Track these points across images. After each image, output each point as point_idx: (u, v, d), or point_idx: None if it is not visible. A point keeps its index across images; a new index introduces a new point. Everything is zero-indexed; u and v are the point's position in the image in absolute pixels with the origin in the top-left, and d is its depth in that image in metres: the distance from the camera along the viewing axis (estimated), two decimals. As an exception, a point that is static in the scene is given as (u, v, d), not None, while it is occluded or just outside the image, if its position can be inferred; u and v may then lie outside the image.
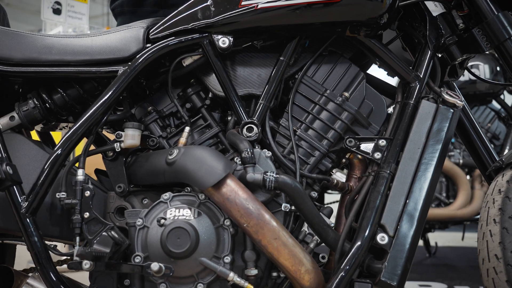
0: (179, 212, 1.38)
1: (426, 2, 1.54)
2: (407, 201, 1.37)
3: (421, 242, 3.91)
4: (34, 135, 1.68)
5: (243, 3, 1.42)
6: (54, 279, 1.36)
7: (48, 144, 1.72)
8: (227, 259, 1.37)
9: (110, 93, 1.43)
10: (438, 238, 4.36)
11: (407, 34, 1.62)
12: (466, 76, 3.75)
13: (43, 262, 1.36)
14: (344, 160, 1.56)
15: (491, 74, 3.80)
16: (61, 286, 1.37)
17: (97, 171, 1.61)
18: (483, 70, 3.80)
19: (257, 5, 1.41)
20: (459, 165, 3.82)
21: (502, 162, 1.52)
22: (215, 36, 1.45)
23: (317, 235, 1.41)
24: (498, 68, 3.86)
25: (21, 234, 1.38)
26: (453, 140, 3.86)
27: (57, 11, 4.94)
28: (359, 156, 1.52)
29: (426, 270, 3.61)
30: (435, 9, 1.55)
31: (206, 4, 1.46)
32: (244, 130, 1.44)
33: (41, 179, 1.39)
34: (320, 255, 1.49)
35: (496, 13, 1.48)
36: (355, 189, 1.48)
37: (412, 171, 1.40)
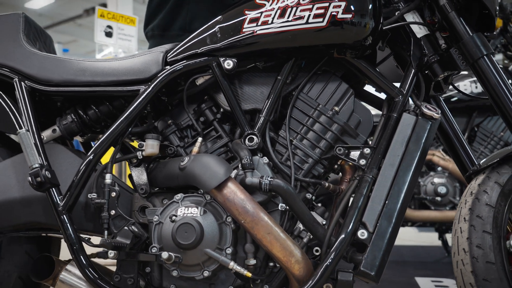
0: (187, 210, 1.52)
1: (411, 25, 1.63)
2: (386, 202, 1.46)
3: (439, 243, 3.93)
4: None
5: (244, 29, 1.56)
6: (86, 265, 1.52)
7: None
8: (229, 250, 1.50)
9: (132, 109, 1.58)
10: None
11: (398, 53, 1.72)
12: (479, 89, 3.71)
13: (77, 251, 1.52)
14: (336, 166, 1.65)
15: None
16: (91, 270, 1.51)
17: (131, 176, 1.78)
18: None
19: (255, 31, 1.55)
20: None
21: (479, 166, 1.59)
22: (221, 58, 1.58)
23: (308, 231, 1.52)
24: None
25: (59, 228, 1.55)
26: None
27: (109, 34, 5.20)
28: (350, 163, 1.63)
29: (442, 268, 3.61)
30: (419, 31, 1.63)
31: (213, 30, 1.59)
32: (246, 140, 1.56)
33: (75, 181, 1.55)
34: (314, 249, 1.57)
35: (471, 34, 1.56)
36: (344, 191, 1.58)
37: (392, 176, 1.48)
